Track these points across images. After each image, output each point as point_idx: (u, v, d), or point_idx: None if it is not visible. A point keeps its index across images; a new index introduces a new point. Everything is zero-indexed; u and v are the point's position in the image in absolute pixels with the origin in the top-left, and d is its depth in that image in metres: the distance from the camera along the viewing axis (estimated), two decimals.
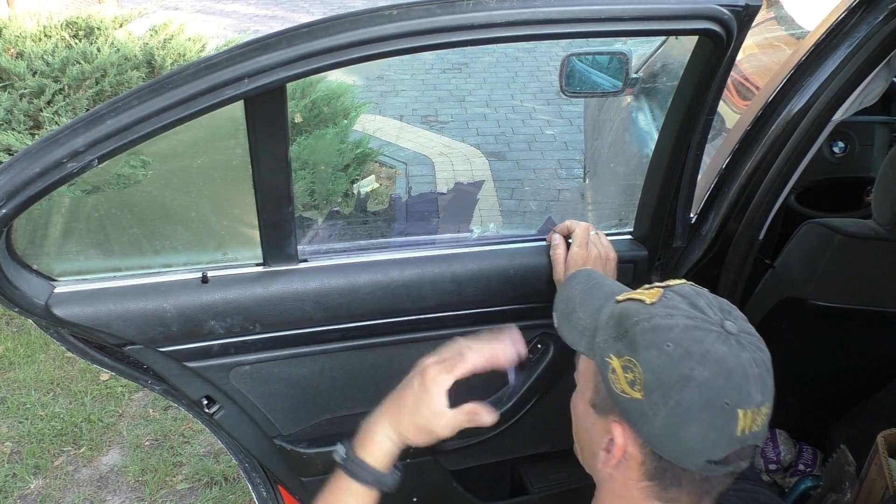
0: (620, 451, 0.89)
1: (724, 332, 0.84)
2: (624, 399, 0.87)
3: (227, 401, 1.34)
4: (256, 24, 7.92)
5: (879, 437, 1.50)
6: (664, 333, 0.85)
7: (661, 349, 0.84)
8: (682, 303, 0.88)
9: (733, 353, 0.83)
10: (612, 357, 0.89)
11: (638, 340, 0.87)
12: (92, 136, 0.96)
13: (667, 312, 0.87)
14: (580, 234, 1.36)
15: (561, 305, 1.05)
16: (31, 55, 3.62)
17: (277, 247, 1.26)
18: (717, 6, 1.11)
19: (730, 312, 0.88)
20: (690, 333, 0.84)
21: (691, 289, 0.91)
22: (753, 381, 0.83)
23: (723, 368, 0.82)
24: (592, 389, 0.95)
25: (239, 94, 1.00)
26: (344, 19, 1.00)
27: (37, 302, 1.14)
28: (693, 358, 0.83)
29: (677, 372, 0.83)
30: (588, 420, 0.96)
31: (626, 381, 0.87)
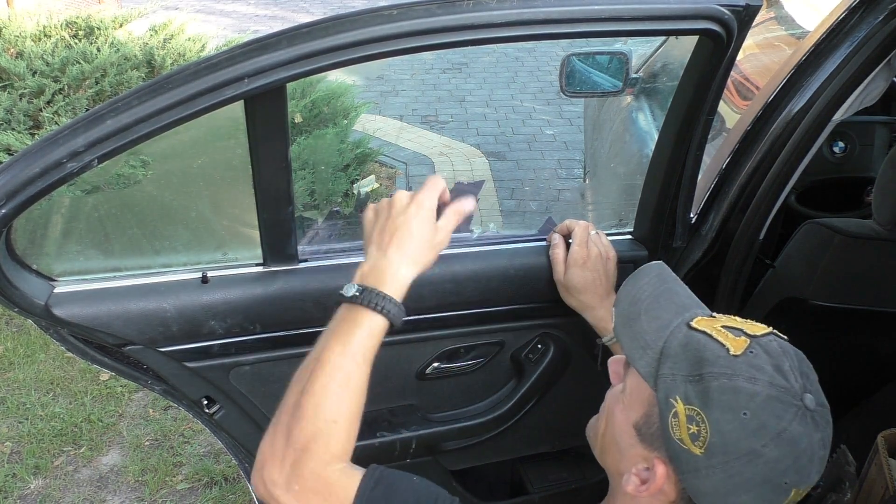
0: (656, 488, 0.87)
1: (802, 407, 0.81)
2: (679, 447, 0.84)
3: (227, 401, 1.34)
4: (256, 24, 7.92)
5: (879, 437, 1.50)
6: (744, 400, 0.81)
7: (737, 416, 0.81)
8: (768, 363, 0.83)
9: (807, 433, 0.81)
10: (677, 400, 0.84)
11: (713, 397, 0.82)
12: (92, 136, 0.96)
13: (751, 374, 0.82)
14: (580, 234, 1.35)
15: (623, 304, 0.98)
16: (31, 55, 3.62)
17: (277, 247, 1.26)
18: (717, 6, 1.11)
19: (808, 377, 0.85)
20: (771, 406, 0.81)
21: (777, 345, 0.87)
22: (818, 462, 0.82)
23: (793, 450, 0.80)
24: (643, 416, 0.90)
25: (239, 94, 1.00)
26: (344, 19, 1.00)
27: (36, 302, 1.14)
28: (767, 434, 0.80)
29: (748, 445, 0.80)
30: (625, 439, 0.92)
31: (689, 432, 0.83)
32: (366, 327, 0.96)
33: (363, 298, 0.97)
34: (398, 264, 1.00)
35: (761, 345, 0.85)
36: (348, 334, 0.96)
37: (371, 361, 0.98)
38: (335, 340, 0.96)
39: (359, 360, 0.96)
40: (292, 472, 0.91)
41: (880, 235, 1.70)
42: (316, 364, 0.96)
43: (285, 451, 0.92)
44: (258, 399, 1.36)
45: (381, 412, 1.46)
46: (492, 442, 1.55)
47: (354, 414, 0.96)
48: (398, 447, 1.46)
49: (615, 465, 0.96)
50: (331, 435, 0.93)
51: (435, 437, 1.49)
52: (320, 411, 0.93)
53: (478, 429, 1.53)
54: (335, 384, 0.94)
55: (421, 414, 1.49)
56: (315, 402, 0.93)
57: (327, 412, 0.93)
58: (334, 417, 0.93)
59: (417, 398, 1.48)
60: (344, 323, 0.97)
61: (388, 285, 0.98)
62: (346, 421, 0.94)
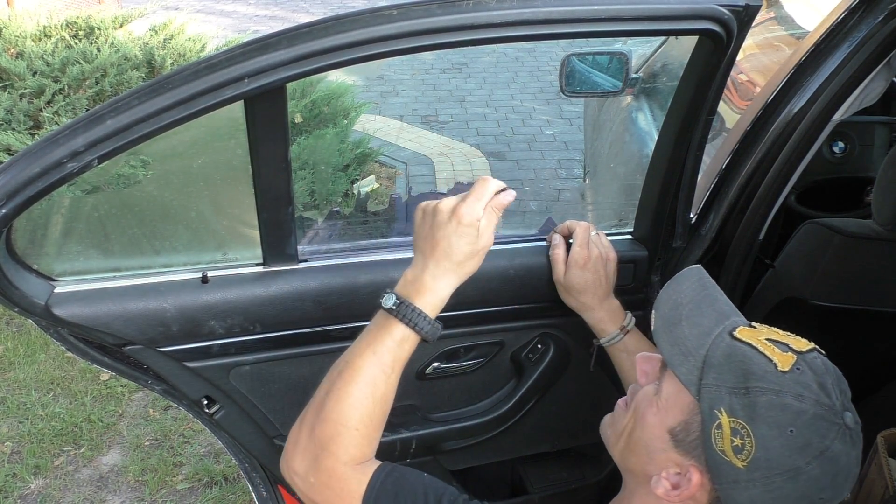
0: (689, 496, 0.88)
1: (843, 426, 0.82)
2: (720, 458, 0.84)
3: (227, 401, 1.34)
4: (256, 24, 7.92)
5: (879, 437, 1.50)
6: (792, 417, 0.82)
7: (784, 432, 0.81)
8: (813, 381, 0.84)
9: (846, 452, 0.82)
10: (722, 412, 0.84)
11: (760, 412, 0.83)
12: (92, 136, 0.96)
13: (798, 392, 0.83)
14: (581, 234, 1.35)
15: (664, 308, 0.98)
16: (31, 55, 3.62)
17: (277, 247, 1.26)
18: (717, 6, 1.11)
19: (846, 394, 0.86)
20: (816, 425, 0.81)
21: (821, 362, 0.87)
22: (852, 479, 0.83)
23: (833, 468, 0.82)
24: (681, 423, 0.90)
25: (239, 94, 1.00)
26: (344, 19, 1.00)
27: (37, 302, 1.14)
28: (812, 452, 0.81)
29: (792, 462, 0.81)
30: (657, 443, 0.92)
31: (732, 445, 0.83)
32: (398, 339, 1.00)
33: (398, 311, 1.00)
34: (439, 279, 1.02)
35: (807, 361, 0.86)
36: (380, 343, 1.00)
37: (400, 371, 1.02)
38: (367, 347, 1.00)
39: (387, 369, 1.00)
40: (312, 465, 0.97)
41: (880, 235, 1.70)
42: (345, 367, 1.00)
43: (308, 446, 0.98)
44: (258, 399, 1.36)
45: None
46: (492, 442, 1.55)
47: (377, 421, 1.01)
48: (398, 447, 1.46)
49: (641, 467, 0.95)
50: (351, 440, 0.98)
51: (435, 437, 1.49)
52: (342, 416, 0.98)
53: (478, 429, 1.53)
54: (360, 391, 0.99)
55: (421, 414, 1.49)
56: (339, 406, 0.98)
57: (349, 418, 0.98)
58: (355, 425, 0.98)
59: (417, 398, 1.48)
60: (378, 331, 1.01)
61: (426, 299, 1.01)
62: (367, 428, 0.99)
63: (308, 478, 0.98)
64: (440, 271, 1.02)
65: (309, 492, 0.98)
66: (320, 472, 0.97)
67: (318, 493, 0.98)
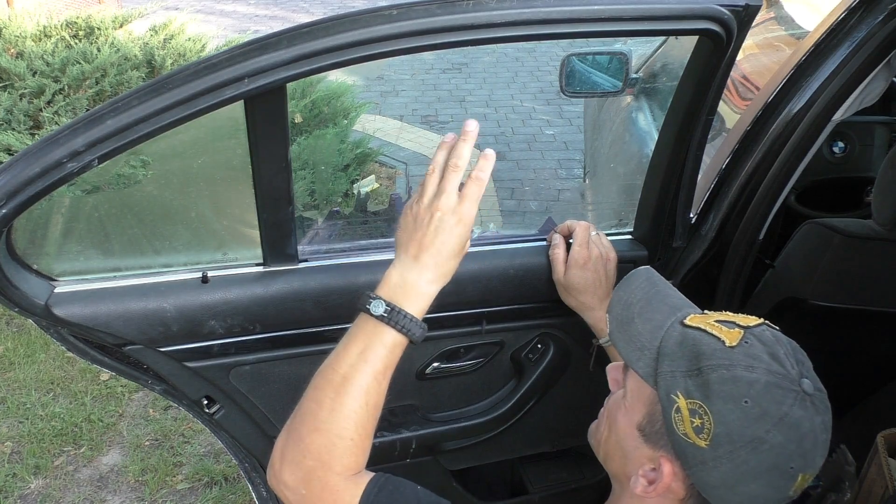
0: (664, 487, 0.88)
1: (801, 392, 0.82)
2: (684, 441, 0.85)
3: (227, 401, 1.34)
4: (256, 24, 7.92)
5: (879, 437, 1.50)
6: (744, 388, 0.82)
7: (739, 405, 0.81)
8: (763, 352, 0.84)
9: (808, 417, 0.82)
10: (679, 395, 0.85)
11: (714, 388, 0.83)
12: (92, 137, 0.96)
13: (748, 363, 0.83)
14: (581, 234, 1.34)
15: (617, 309, 0.99)
16: (31, 55, 3.62)
17: (277, 247, 1.26)
18: (716, 6, 1.11)
19: (803, 363, 0.86)
20: (771, 392, 0.81)
21: (770, 334, 0.88)
22: (821, 446, 0.83)
23: (796, 434, 0.81)
24: (645, 416, 0.91)
25: (239, 94, 1.00)
26: (344, 19, 1.00)
27: (37, 302, 1.14)
28: (770, 420, 0.81)
29: (751, 432, 0.81)
30: (629, 441, 0.93)
31: (692, 425, 0.84)
32: (389, 346, 0.98)
33: (390, 318, 0.97)
34: (430, 282, 1.01)
35: (755, 335, 0.87)
36: (371, 351, 0.98)
37: (390, 376, 1.00)
38: (358, 355, 0.98)
39: (379, 377, 0.98)
40: (304, 476, 0.94)
41: (880, 235, 1.70)
42: (335, 376, 0.97)
43: (297, 458, 0.95)
44: (258, 399, 1.36)
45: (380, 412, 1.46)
46: (492, 442, 1.55)
47: (370, 430, 0.98)
48: (398, 447, 1.46)
49: (621, 469, 0.96)
50: (346, 450, 0.95)
51: (435, 436, 1.49)
52: (337, 427, 0.95)
53: (478, 429, 1.53)
54: (354, 402, 0.96)
55: (421, 414, 1.49)
56: (333, 416, 0.96)
57: (344, 429, 0.95)
58: (351, 436, 0.96)
59: (417, 398, 1.48)
60: (368, 338, 0.98)
61: (414, 303, 0.99)
62: (361, 437, 0.97)
63: (299, 489, 0.95)
64: (430, 274, 1.00)
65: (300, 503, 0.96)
66: (312, 483, 0.94)
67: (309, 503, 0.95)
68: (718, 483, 0.83)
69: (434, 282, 1.01)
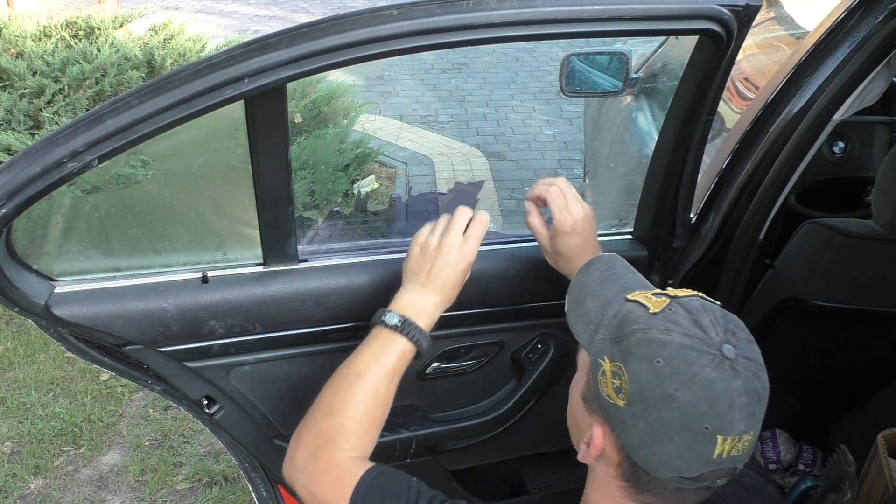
0: (597, 451, 0.91)
1: (719, 356, 0.83)
2: (608, 403, 0.88)
3: (227, 401, 1.34)
4: (256, 24, 7.92)
5: (879, 437, 1.50)
6: (657, 348, 0.84)
7: (651, 364, 0.84)
8: (685, 318, 0.86)
9: (723, 379, 0.82)
10: (604, 359, 0.89)
11: (631, 350, 0.86)
12: (92, 136, 0.96)
13: (665, 326, 0.86)
14: (556, 200, 1.26)
15: (574, 291, 1.04)
16: (31, 55, 3.62)
17: (277, 247, 1.26)
18: (717, 6, 1.11)
19: (734, 334, 0.86)
20: (683, 353, 0.83)
21: (700, 303, 0.89)
22: (739, 409, 0.82)
23: (708, 394, 0.82)
24: (585, 384, 0.95)
25: (239, 94, 1.00)
26: (344, 19, 1.00)
27: (37, 302, 1.14)
28: (680, 379, 0.82)
29: (661, 390, 0.83)
30: (578, 411, 0.97)
31: (613, 386, 0.87)
32: (400, 352, 1.12)
33: (403, 329, 1.13)
34: (436, 306, 1.17)
35: (682, 303, 0.89)
36: (384, 355, 1.12)
37: (398, 381, 1.13)
38: (371, 358, 1.12)
39: (388, 376, 1.11)
40: (312, 455, 1.05)
41: (880, 235, 1.70)
42: (350, 372, 1.11)
43: (310, 439, 1.07)
44: (258, 399, 1.36)
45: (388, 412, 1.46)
46: (492, 442, 1.55)
47: (377, 421, 1.11)
48: (398, 447, 1.46)
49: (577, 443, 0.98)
50: (353, 431, 1.07)
51: (435, 436, 1.49)
52: (347, 409, 1.08)
53: (478, 429, 1.53)
54: (364, 390, 1.09)
55: (421, 414, 1.49)
56: (344, 402, 1.08)
57: (354, 411, 1.08)
58: (359, 418, 1.08)
59: (417, 398, 1.48)
60: (381, 344, 1.13)
61: (423, 320, 1.15)
62: (368, 424, 1.09)
63: (307, 467, 1.04)
64: (438, 299, 1.16)
65: (308, 483, 1.04)
66: (319, 460, 1.04)
67: (315, 481, 1.03)
68: (639, 443, 0.85)
69: (439, 305, 1.17)
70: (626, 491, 0.90)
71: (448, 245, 1.16)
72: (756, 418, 0.84)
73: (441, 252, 1.16)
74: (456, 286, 1.18)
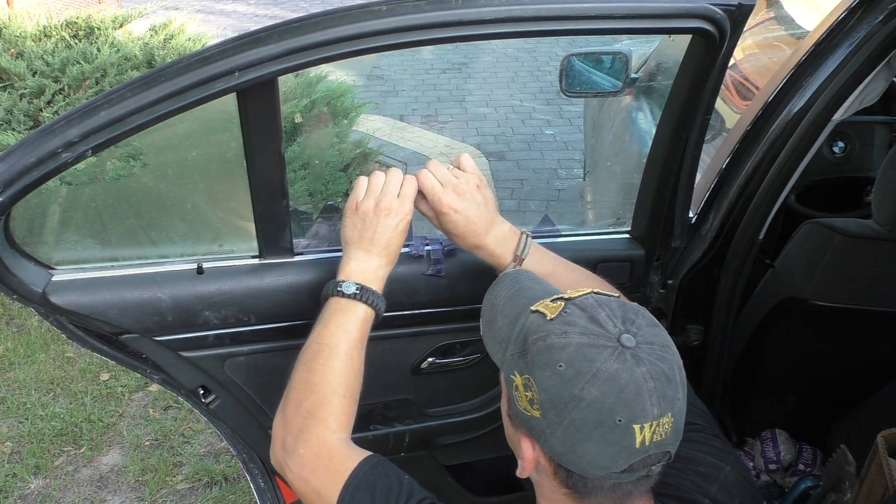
0: (530, 464, 0.91)
1: (619, 346, 0.84)
2: (526, 416, 0.88)
3: (222, 391, 1.35)
4: (256, 24, 7.92)
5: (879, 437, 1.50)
6: (557, 353, 0.85)
7: (554, 369, 0.84)
8: (581, 318, 0.87)
9: (626, 369, 0.83)
10: (515, 374, 0.90)
11: (535, 360, 0.87)
12: (86, 127, 0.98)
13: (563, 330, 0.86)
14: (425, 183, 1.20)
15: (486, 313, 1.05)
16: (31, 55, 3.62)
17: (273, 239, 1.26)
18: (709, 5, 1.11)
19: (633, 322, 0.87)
20: (583, 352, 0.84)
21: (594, 300, 0.90)
22: (648, 395, 0.82)
23: (613, 387, 0.82)
24: (507, 402, 0.95)
25: (230, 87, 1.02)
26: (333, 14, 1.01)
27: (34, 289, 1.15)
28: (584, 378, 0.83)
29: (568, 392, 0.83)
30: (508, 430, 0.97)
31: (527, 399, 0.87)
32: (362, 318, 1.14)
33: (362, 296, 1.14)
34: (382, 268, 1.18)
35: (576, 304, 0.89)
36: (350, 324, 1.13)
37: (364, 345, 1.15)
38: (339, 329, 1.13)
39: (357, 345, 1.13)
40: (299, 435, 1.04)
41: (880, 235, 1.69)
42: (321, 347, 1.11)
43: (298, 420, 1.06)
44: (253, 389, 1.37)
45: (375, 406, 1.46)
46: (487, 438, 1.55)
47: (354, 392, 1.12)
48: (392, 441, 1.46)
49: None
50: (339, 406, 1.07)
51: (429, 431, 1.50)
52: (330, 384, 1.08)
53: (472, 424, 1.53)
54: (341, 363, 1.10)
55: (415, 408, 1.49)
56: (325, 378, 1.08)
57: (337, 385, 1.09)
58: (343, 392, 1.09)
59: (412, 392, 1.48)
60: (342, 315, 1.14)
61: (375, 284, 1.17)
62: (349, 396, 1.10)
63: (298, 449, 1.03)
64: (382, 261, 1.18)
65: (300, 468, 1.02)
66: (310, 441, 1.03)
67: (307, 465, 1.02)
68: (562, 449, 0.86)
69: (385, 268, 1.19)
70: (571, 497, 0.90)
71: (386, 208, 1.16)
72: (669, 399, 0.84)
73: (380, 216, 1.16)
74: (398, 247, 1.19)
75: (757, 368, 1.93)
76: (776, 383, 1.97)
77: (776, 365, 1.92)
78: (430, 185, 1.20)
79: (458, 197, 1.20)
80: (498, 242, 1.23)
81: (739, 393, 1.96)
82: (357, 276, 1.16)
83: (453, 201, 1.19)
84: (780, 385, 1.98)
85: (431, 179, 1.20)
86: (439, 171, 1.21)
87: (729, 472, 1.06)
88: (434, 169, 1.22)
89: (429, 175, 1.21)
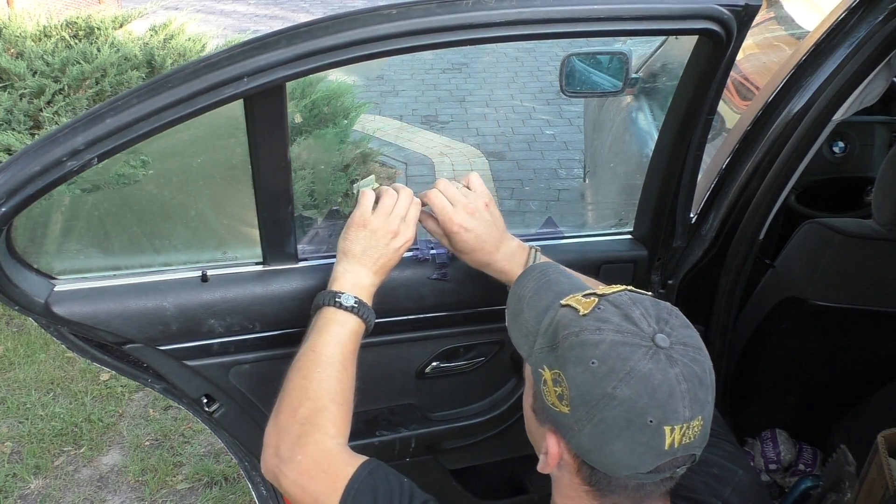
0: (554, 460, 0.90)
1: (653, 346, 0.83)
2: (554, 411, 0.88)
3: (226, 399, 1.34)
4: (256, 24, 7.92)
5: (879, 437, 1.50)
6: (591, 349, 0.84)
7: (587, 366, 0.84)
8: (615, 315, 0.86)
9: (660, 369, 0.82)
10: (544, 368, 0.89)
11: (566, 355, 0.86)
12: (92, 135, 0.97)
13: (596, 326, 0.86)
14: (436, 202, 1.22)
15: (512, 304, 1.04)
16: (31, 55, 3.62)
17: (277, 246, 1.26)
18: (716, 6, 1.11)
19: (667, 322, 0.86)
20: (617, 350, 0.83)
21: (629, 297, 0.89)
22: (680, 397, 0.82)
23: (647, 387, 0.81)
24: (532, 396, 0.94)
25: (238, 94, 1.00)
26: (343, 19, 1.00)
27: (36, 300, 1.14)
28: (617, 376, 0.82)
29: (600, 390, 0.83)
30: (532, 424, 0.97)
31: (556, 394, 0.87)
32: (356, 332, 1.16)
33: (359, 310, 1.16)
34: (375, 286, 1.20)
35: (610, 300, 0.88)
36: (344, 336, 1.14)
37: (356, 358, 1.16)
38: (334, 340, 1.13)
39: (351, 357, 1.15)
40: (297, 442, 1.03)
41: (880, 235, 1.70)
42: (317, 355, 1.12)
43: (294, 428, 1.05)
44: (257, 397, 1.36)
45: (380, 411, 1.46)
46: (491, 441, 1.55)
47: (349, 401, 1.12)
48: (398, 446, 1.46)
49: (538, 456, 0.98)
50: (337, 413, 1.07)
51: (434, 436, 1.49)
52: (328, 392, 1.08)
53: (477, 428, 1.53)
54: (337, 372, 1.11)
55: (420, 413, 1.49)
56: (322, 385, 1.08)
57: (335, 393, 1.09)
58: (340, 400, 1.09)
59: (417, 397, 1.48)
60: (336, 326, 1.15)
61: (368, 300, 1.19)
62: (345, 404, 1.10)
63: (295, 456, 1.02)
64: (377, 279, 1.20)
65: (297, 475, 1.01)
66: (308, 447, 1.02)
67: (305, 472, 1.00)
68: (589, 446, 0.85)
69: (377, 286, 1.21)
70: (592, 495, 0.90)
71: (394, 230, 1.18)
72: (701, 402, 0.84)
73: (387, 237, 1.18)
74: (394, 264, 1.22)
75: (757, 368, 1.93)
76: (776, 383, 1.97)
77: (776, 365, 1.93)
78: (441, 204, 1.22)
79: (469, 216, 1.22)
80: (508, 259, 1.25)
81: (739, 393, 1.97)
82: (354, 290, 1.17)
83: (464, 220, 1.21)
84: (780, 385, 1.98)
85: (442, 199, 1.22)
86: (449, 191, 1.23)
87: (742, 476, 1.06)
88: (444, 188, 1.23)
89: (439, 195, 1.23)
